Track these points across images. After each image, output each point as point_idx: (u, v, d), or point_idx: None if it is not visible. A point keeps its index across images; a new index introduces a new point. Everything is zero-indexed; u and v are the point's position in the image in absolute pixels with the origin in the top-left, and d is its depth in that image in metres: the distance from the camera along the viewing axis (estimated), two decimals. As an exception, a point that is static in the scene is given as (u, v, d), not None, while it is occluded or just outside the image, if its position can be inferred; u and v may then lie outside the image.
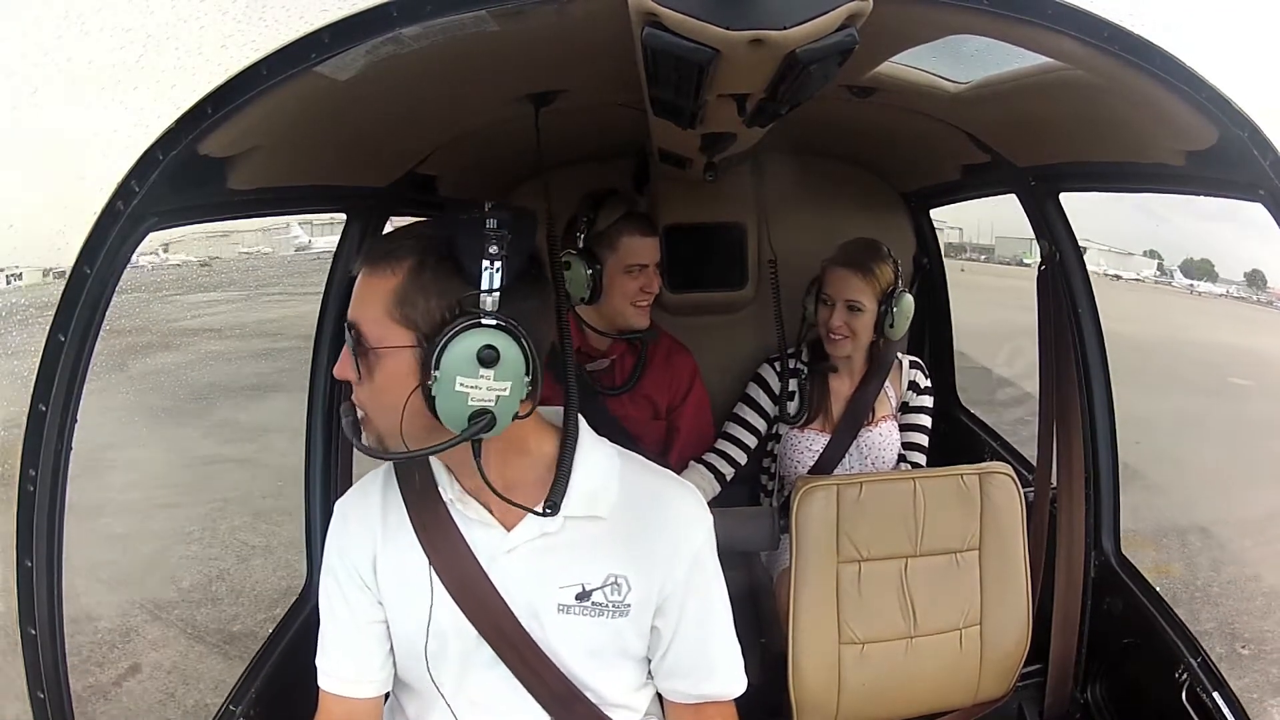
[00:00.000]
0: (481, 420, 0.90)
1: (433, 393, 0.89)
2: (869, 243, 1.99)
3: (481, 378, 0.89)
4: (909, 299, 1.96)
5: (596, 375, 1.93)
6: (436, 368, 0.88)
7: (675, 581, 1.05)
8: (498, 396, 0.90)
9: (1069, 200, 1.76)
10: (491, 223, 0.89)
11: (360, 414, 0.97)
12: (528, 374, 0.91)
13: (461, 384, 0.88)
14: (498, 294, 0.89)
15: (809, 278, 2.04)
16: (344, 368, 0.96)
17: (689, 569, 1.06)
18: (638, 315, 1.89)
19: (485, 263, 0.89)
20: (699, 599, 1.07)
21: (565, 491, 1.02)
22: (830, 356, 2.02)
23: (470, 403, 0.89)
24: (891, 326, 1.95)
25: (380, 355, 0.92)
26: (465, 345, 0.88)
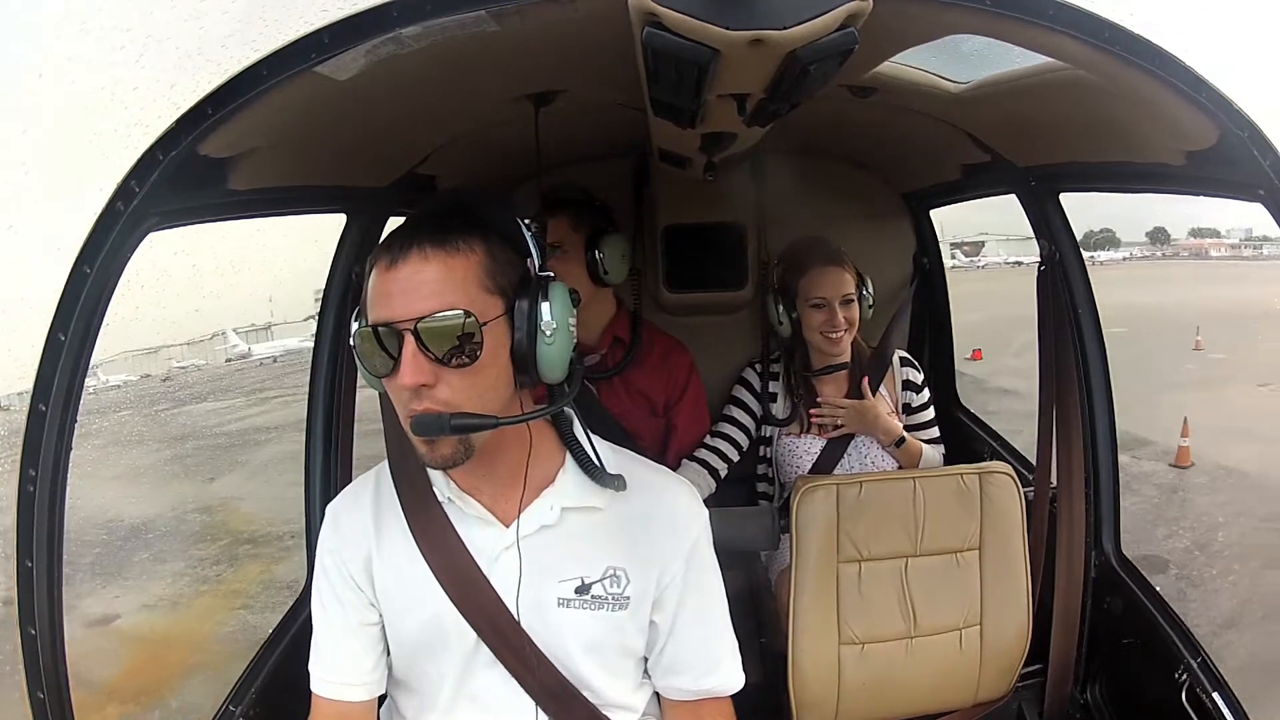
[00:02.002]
0: (581, 361, 1.00)
1: (548, 340, 0.94)
2: (821, 238, 2.03)
3: (572, 319, 0.97)
4: (867, 277, 2.03)
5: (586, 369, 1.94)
6: (545, 318, 0.94)
7: (673, 575, 1.05)
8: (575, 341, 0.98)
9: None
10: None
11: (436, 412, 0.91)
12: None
13: (570, 325, 0.96)
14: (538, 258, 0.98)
15: None
16: (419, 372, 0.89)
17: (686, 563, 1.06)
18: None
19: (528, 233, 0.98)
20: (696, 594, 1.08)
21: (565, 483, 1.04)
22: (823, 359, 2.01)
23: (571, 348, 0.97)
24: (871, 307, 2.02)
25: (487, 330, 0.91)
26: (558, 292, 0.95)
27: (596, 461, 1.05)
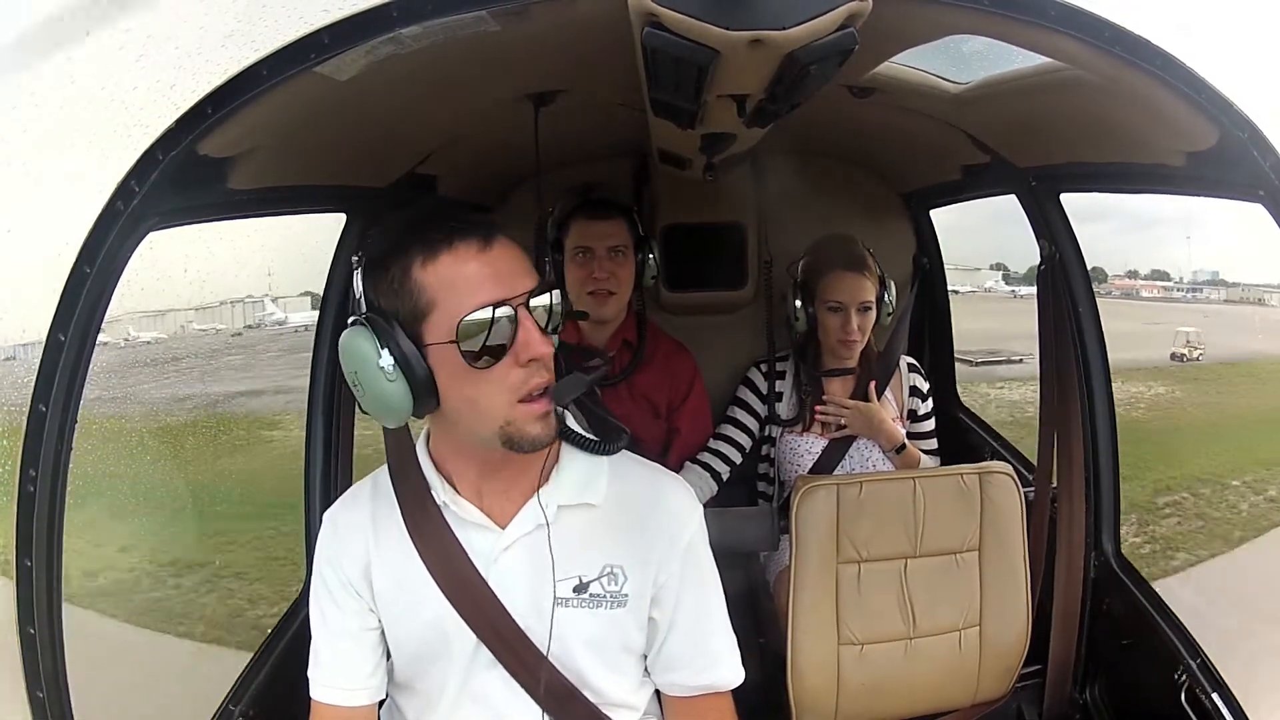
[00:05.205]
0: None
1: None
2: (849, 238, 2.02)
3: None
4: (891, 282, 2.01)
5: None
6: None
7: (670, 572, 1.06)
8: None
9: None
10: None
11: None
12: None
13: None
14: None
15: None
16: (545, 339, 0.93)
17: (683, 559, 1.06)
18: (591, 304, 1.85)
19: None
20: (694, 589, 1.08)
21: (559, 478, 1.04)
22: (832, 361, 2.01)
23: None
24: (889, 315, 2.00)
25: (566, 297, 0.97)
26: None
27: (591, 438, 1.07)
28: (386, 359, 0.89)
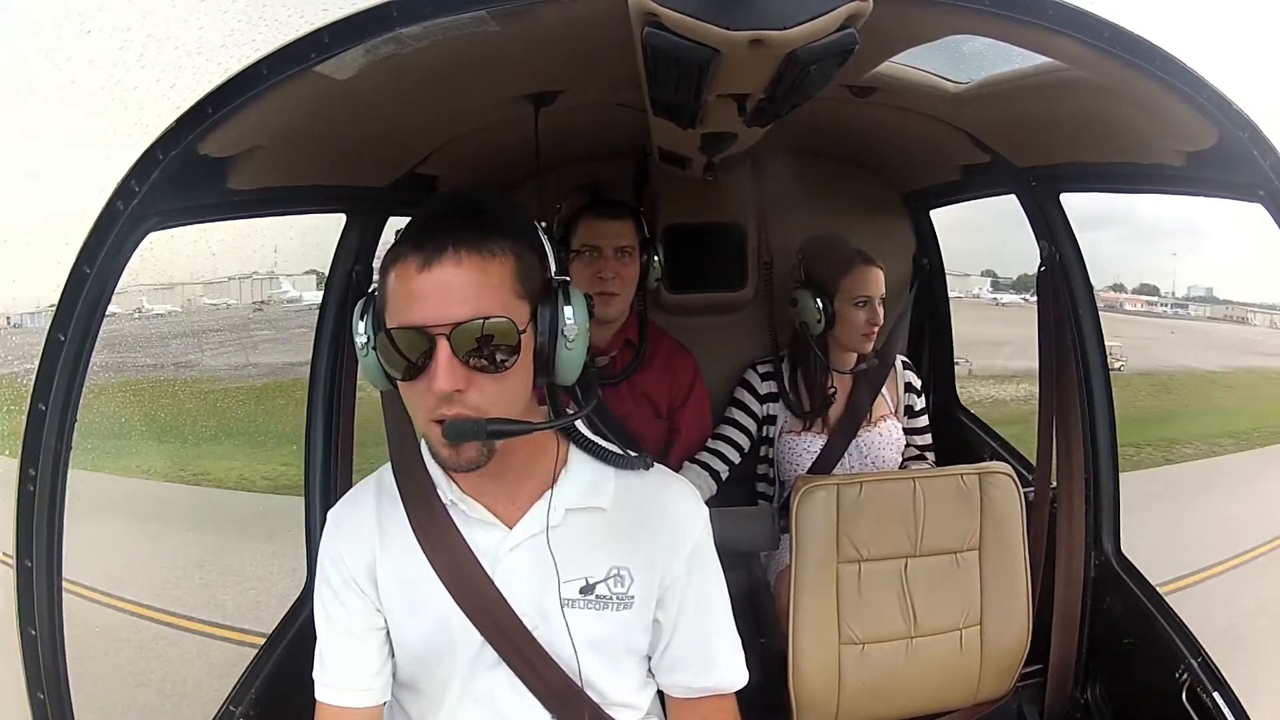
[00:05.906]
0: (594, 364, 0.99)
1: (570, 344, 0.94)
2: (843, 237, 2.07)
3: (588, 323, 0.97)
4: None
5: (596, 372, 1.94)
6: (569, 322, 0.94)
7: (675, 574, 1.06)
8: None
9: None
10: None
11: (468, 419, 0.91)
12: None
13: (587, 329, 0.96)
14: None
15: None
16: (454, 378, 0.88)
17: (688, 561, 1.06)
18: (595, 303, 1.84)
19: (544, 237, 0.97)
20: (698, 591, 1.08)
21: (569, 480, 1.04)
22: (848, 357, 2.03)
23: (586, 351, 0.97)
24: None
25: (521, 334, 0.92)
26: (578, 296, 0.96)
27: (613, 450, 1.06)
28: (360, 335, 0.96)
